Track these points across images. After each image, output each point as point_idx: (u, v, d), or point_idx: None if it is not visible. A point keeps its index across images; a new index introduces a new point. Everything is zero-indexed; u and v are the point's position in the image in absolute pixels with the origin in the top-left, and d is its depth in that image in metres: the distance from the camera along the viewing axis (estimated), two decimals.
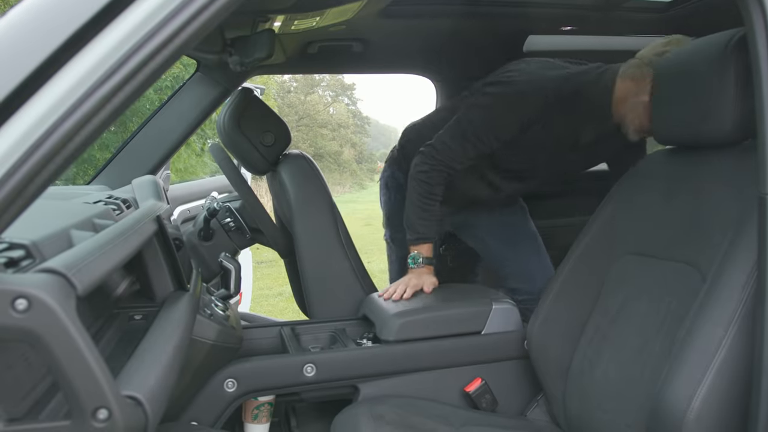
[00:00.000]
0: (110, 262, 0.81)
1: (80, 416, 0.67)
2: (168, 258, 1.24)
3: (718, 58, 1.28)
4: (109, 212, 1.24)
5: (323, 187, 2.11)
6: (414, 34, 2.48)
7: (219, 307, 1.55)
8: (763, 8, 1.06)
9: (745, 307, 1.13)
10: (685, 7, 2.38)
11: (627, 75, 1.86)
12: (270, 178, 2.37)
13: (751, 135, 1.19)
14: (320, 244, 2.05)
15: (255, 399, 1.69)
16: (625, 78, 1.86)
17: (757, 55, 1.07)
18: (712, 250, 1.26)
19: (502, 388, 1.76)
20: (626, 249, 1.54)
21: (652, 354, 1.35)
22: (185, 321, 1.13)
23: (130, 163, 2.18)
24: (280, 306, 5.86)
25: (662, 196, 1.48)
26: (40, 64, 0.67)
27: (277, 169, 2.17)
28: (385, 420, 1.51)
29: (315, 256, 2.05)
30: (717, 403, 1.13)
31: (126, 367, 0.85)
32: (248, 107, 2.16)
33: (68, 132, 0.67)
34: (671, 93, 1.43)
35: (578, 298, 1.61)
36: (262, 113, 2.19)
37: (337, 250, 2.05)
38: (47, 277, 0.65)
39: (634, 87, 1.83)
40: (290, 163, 2.15)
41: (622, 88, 1.87)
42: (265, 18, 1.79)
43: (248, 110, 2.16)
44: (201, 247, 2.14)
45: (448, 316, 1.78)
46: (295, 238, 2.06)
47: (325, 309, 2.04)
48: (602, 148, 2.08)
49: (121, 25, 0.70)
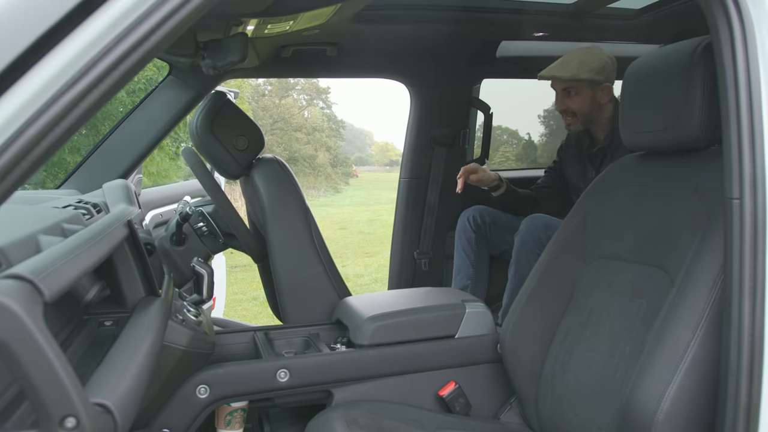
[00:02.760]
0: (79, 268, 0.80)
1: (47, 425, 0.66)
2: (139, 263, 1.22)
3: (685, 65, 1.30)
4: (78, 217, 1.22)
5: (297, 191, 2.11)
6: (388, 39, 2.49)
7: (191, 313, 1.54)
8: (728, 16, 1.08)
9: (713, 310, 1.16)
10: (654, 14, 2.42)
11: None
12: (243, 182, 2.36)
13: (718, 140, 1.21)
14: (293, 249, 2.04)
15: (228, 405, 1.68)
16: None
17: (722, 62, 1.10)
18: (680, 254, 1.29)
19: (475, 392, 1.77)
20: (597, 253, 1.56)
21: (623, 356, 1.37)
22: (156, 327, 1.11)
23: (101, 167, 2.16)
24: (254, 310, 5.82)
25: (632, 201, 1.50)
26: (6, 65, 0.66)
27: (251, 173, 2.16)
28: (358, 424, 1.50)
29: (288, 260, 2.04)
30: (686, 404, 1.15)
31: (95, 374, 0.83)
32: (221, 111, 2.14)
33: (36, 135, 0.66)
34: (639, 99, 1.46)
35: (550, 302, 1.63)
36: (235, 117, 2.17)
37: (310, 255, 2.04)
38: (13, 283, 0.64)
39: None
40: (264, 167, 2.13)
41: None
42: (238, 21, 1.78)
43: (221, 114, 2.13)
44: (173, 252, 2.11)
45: (422, 320, 1.79)
46: (269, 243, 2.05)
47: (299, 313, 2.03)
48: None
49: (91, 27, 0.69)
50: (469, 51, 2.73)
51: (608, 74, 2.39)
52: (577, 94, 2.41)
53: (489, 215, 2.68)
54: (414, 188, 3.03)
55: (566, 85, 2.42)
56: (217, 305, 3.74)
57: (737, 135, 1.07)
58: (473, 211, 2.68)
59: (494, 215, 2.69)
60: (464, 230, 2.69)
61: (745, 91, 1.07)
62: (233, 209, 2.11)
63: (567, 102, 2.45)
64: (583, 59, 2.37)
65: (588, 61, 2.36)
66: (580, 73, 2.35)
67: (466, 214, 2.70)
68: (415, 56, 2.70)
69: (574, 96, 2.42)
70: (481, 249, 2.68)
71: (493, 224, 2.68)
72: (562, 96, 2.46)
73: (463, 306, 1.82)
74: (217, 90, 2.25)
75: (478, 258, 2.68)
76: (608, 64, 2.39)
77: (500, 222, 2.67)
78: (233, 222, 2.10)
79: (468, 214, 2.69)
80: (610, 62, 2.39)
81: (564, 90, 2.44)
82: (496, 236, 2.67)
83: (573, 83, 2.39)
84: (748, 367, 1.06)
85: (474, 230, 2.66)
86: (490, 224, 2.67)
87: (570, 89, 2.42)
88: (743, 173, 1.07)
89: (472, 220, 2.66)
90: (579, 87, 2.40)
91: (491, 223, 2.67)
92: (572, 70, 2.36)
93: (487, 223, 2.67)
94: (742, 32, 1.07)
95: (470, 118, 3.03)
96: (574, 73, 2.35)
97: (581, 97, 2.41)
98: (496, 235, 2.67)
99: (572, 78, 2.36)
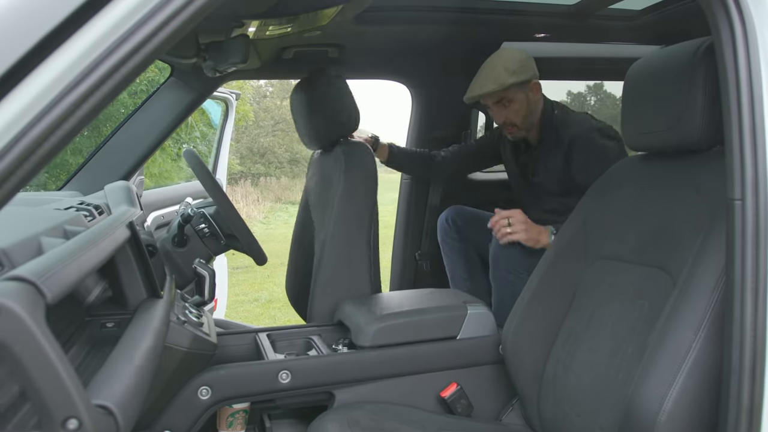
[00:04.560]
0: (81, 270, 0.80)
1: (49, 427, 0.66)
2: (141, 265, 1.22)
3: (686, 66, 1.30)
4: (80, 218, 1.22)
5: (376, 182, 2.15)
6: (389, 41, 2.49)
7: (193, 314, 1.54)
8: (730, 17, 1.08)
9: (715, 311, 1.16)
10: (655, 15, 2.42)
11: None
12: (318, 156, 2.41)
13: (720, 141, 1.21)
14: (350, 231, 2.08)
15: (229, 406, 1.68)
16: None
17: (724, 62, 1.09)
18: (682, 255, 1.29)
19: (477, 393, 1.77)
20: (599, 254, 1.56)
21: (625, 357, 1.37)
22: (158, 328, 1.11)
23: (102, 169, 2.16)
24: (256, 312, 5.82)
25: (634, 202, 1.50)
26: (10, 67, 0.66)
27: (335, 148, 2.19)
28: (360, 426, 1.50)
29: (340, 240, 2.07)
30: (688, 405, 1.15)
31: (97, 376, 0.83)
32: (332, 83, 2.20)
33: (39, 137, 0.67)
34: (641, 100, 1.46)
35: (552, 303, 1.62)
36: (343, 92, 2.21)
37: (362, 243, 2.08)
38: (15, 285, 0.64)
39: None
40: (355, 147, 2.18)
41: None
42: (240, 23, 1.78)
43: (333, 84, 2.19)
44: (175, 253, 2.11)
45: (424, 322, 1.79)
46: (323, 223, 2.10)
47: (328, 296, 2.07)
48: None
49: (94, 29, 0.70)
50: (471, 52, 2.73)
51: (532, 70, 2.27)
52: (511, 102, 2.28)
53: (465, 213, 2.62)
54: (416, 189, 3.03)
55: (498, 98, 2.28)
56: (219, 306, 3.75)
57: (739, 136, 1.07)
58: (450, 212, 2.63)
59: (470, 213, 2.63)
60: (445, 232, 2.63)
61: (746, 92, 1.06)
62: (235, 211, 2.11)
63: (504, 114, 2.31)
64: (503, 64, 2.23)
65: (508, 65, 2.22)
66: (505, 79, 2.21)
67: (444, 216, 2.64)
68: (416, 58, 2.70)
69: (509, 105, 2.28)
70: (468, 246, 2.62)
71: (470, 222, 2.60)
72: (498, 109, 2.32)
73: (465, 307, 1.82)
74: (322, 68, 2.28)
75: (468, 255, 2.62)
76: (526, 60, 2.26)
77: (475, 219, 2.60)
78: (235, 223, 2.10)
79: (445, 216, 2.63)
80: (526, 57, 2.27)
81: (497, 103, 2.30)
82: (476, 234, 2.58)
83: (503, 92, 2.25)
84: (750, 368, 1.05)
85: (455, 229, 2.61)
86: (468, 222, 2.60)
87: (503, 100, 2.28)
88: (745, 174, 1.06)
89: (451, 220, 2.61)
90: (511, 94, 2.26)
91: (469, 221, 2.60)
92: (498, 80, 2.22)
93: (466, 222, 2.60)
94: (744, 33, 1.07)
95: (471, 119, 3.03)
96: (501, 82, 2.21)
97: (516, 103, 2.28)
98: (475, 232, 2.58)
99: (501, 87, 2.21)
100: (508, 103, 2.28)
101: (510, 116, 2.31)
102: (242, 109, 11.64)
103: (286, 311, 5.79)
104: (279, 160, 21.91)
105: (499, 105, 2.30)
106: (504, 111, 2.31)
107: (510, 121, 2.33)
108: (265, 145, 21.80)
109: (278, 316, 5.68)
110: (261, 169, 20.79)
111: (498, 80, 2.21)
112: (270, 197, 17.66)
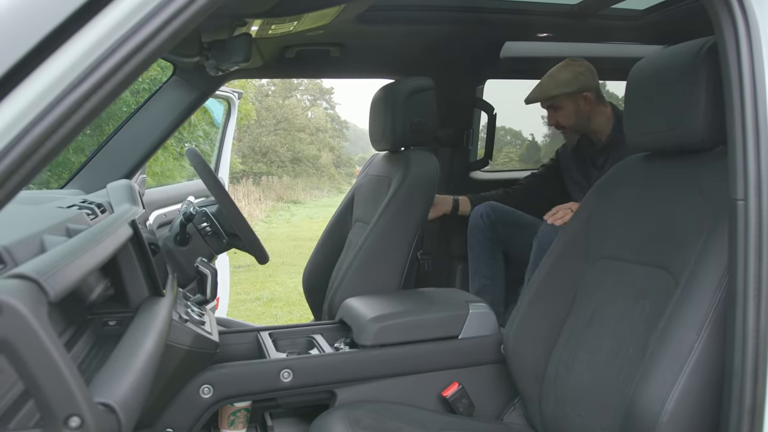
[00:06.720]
0: (83, 268, 0.80)
1: (52, 424, 0.66)
2: (143, 263, 1.22)
3: (689, 66, 1.30)
4: (82, 217, 1.22)
5: (434, 192, 2.30)
6: (391, 40, 2.49)
7: (195, 313, 1.54)
8: (733, 17, 1.08)
9: (717, 311, 1.15)
10: (658, 15, 2.41)
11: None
12: (383, 156, 2.54)
13: (722, 141, 1.21)
14: (397, 230, 2.17)
15: (231, 405, 1.68)
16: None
17: (727, 62, 1.09)
18: (684, 255, 1.28)
19: (479, 393, 1.77)
20: (601, 253, 1.56)
21: (627, 357, 1.37)
22: (160, 327, 1.12)
23: (105, 167, 2.16)
24: (258, 310, 5.83)
25: (636, 202, 1.50)
26: (13, 65, 0.66)
27: (404, 152, 2.35)
28: (361, 425, 1.50)
29: (385, 235, 2.16)
30: (690, 405, 1.15)
31: (99, 374, 0.84)
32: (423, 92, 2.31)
33: (41, 135, 0.67)
34: (644, 99, 1.45)
35: (554, 303, 1.62)
36: (428, 103, 2.33)
37: (404, 245, 2.18)
38: (18, 282, 0.64)
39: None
40: (424, 155, 2.30)
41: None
42: (243, 22, 1.78)
43: (423, 92, 2.31)
44: (177, 252, 2.11)
45: (425, 321, 1.79)
46: (370, 216, 2.20)
47: (356, 285, 2.14)
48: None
49: (96, 27, 0.70)
50: (473, 52, 2.73)
51: (583, 83, 2.44)
52: (560, 109, 2.50)
53: (501, 212, 2.64)
54: None
55: (548, 103, 2.52)
56: (221, 305, 3.75)
57: (742, 136, 1.07)
58: (485, 208, 2.63)
59: (506, 212, 2.64)
60: (477, 227, 2.63)
61: (750, 92, 1.06)
62: (237, 209, 2.11)
63: (555, 117, 2.54)
64: (554, 75, 2.46)
65: (558, 76, 2.45)
66: (551, 90, 2.44)
67: (479, 210, 2.64)
68: (418, 57, 2.69)
69: (558, 111, 2.51)
70: (496, 247, 2.63)
71: (505, 222, 2.63)
72: (550, 112, 2.56)
73: (467, 306, 1.82)
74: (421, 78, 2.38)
75: (494, 256, 2.63)
76: (581, 74, 2.44)
77: (511, 220, 2.63)
78: (237, 222, 2.10)
79: (480, 211, 2.63)
80: (584, 71, 2.45)
81: (549, 107, 2.54)
82: (508, 234, 2.62)
83: (551, 100, 2.49)
84: (752, 368, 1.05)
85: (489, 227, 2.61)
86: (503, 221, 2.63)
87: (553, 106, 2.51)
88: (748, 174, 1.06)
89: (486, 216, 2.62)
90: (558, 102, 2.48)
91: (504, 221, 2.63)
92: (545, 89, 2.46)
93: (501, 220, 2.63)
94: (747, 33, 1.07)
95: (474, 118, 3.03)
96: (547, 91, 2.45)
97: (564, 110, 2.49)
98: (508, 232, 2.62)
99: (546, 96, 2.47)
100: (558, 109, 2.52)
101: (559, 120, 2.54)
102: (244, 108, 11.66)
103: (288, 310, 5.79)
104: (281, 159, 21.95)
105: (551, 109, 2.55)
106: (555, 114, 2.54)
107: (559, 124, 2.55)
108: (267, 144, 21.84)
109: (280, 314, 5.69)
110: (263, 168, 20.83)
111: (545, 90, 2.47)
112: (272, 196, 17.69)
